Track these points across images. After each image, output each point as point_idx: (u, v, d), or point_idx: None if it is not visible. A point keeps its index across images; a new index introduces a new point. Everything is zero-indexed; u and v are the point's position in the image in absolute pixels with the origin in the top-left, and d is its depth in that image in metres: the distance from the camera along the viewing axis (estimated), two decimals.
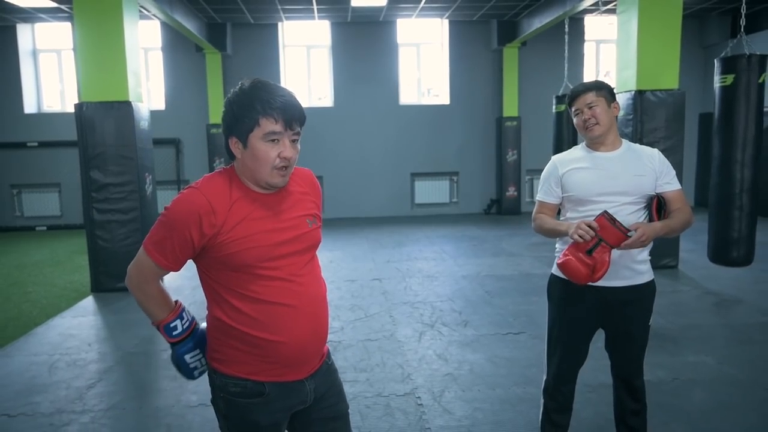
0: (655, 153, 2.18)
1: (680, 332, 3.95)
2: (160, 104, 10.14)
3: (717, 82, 4.59)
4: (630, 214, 2.07)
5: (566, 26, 8.11)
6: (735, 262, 4.52)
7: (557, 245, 2.27)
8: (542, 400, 2.38)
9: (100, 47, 5.34)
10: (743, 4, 4.67)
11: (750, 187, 4.36)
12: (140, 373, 3.59)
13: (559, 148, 7.84)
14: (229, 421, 1.47)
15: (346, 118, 10.23)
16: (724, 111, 4.54)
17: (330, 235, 8.02)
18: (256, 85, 1.35)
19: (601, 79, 2.65)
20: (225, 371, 1.43)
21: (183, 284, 5.54)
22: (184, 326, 1.48)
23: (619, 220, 1.93)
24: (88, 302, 5.22)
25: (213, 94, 9.87)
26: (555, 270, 2.27)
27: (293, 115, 1.35)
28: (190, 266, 1.47)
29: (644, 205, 2.11)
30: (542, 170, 2.32)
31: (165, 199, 9.22)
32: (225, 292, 1.39)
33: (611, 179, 2.09)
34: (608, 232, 1.90)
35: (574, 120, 2.19)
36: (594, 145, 2.18)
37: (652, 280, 2.19)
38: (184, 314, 1.50)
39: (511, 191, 10.29)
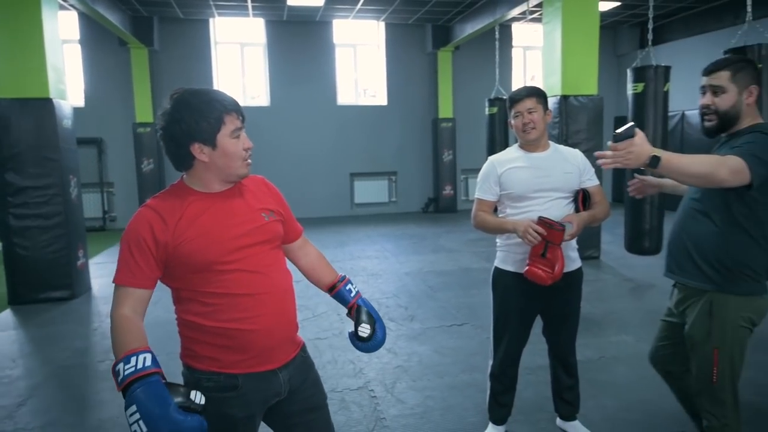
0: (577, 153, 2.45)
1: (603, 316, 4.36)
2: (78, 101, 9.56)
3: (629, 89, 5.09)
4: (563, 207, 2.33)
5: (497, 33, 8.53)
6: (647, 251, 5.07)
7: (498, 240, 2.49)
8: (489, 384, 2.60)
9: (16, 39, 4.96)
10: (650, 20, 5.18)
11: None
12: (77, 386, 3.41)
13: (492, 149, 8.25)
14: (204, 417, 1.50)
15: (283, 118, 10.20)
16: (636, 115, 5.05)
17: None
18: (195, 91, 1.41)
19: (529, 83, 2.91)
20: (198, 367, 1.46)
21: None
22: (126, 373, 1.24)
23: (552, 220, 2.18)
24: (6, 316, 4.85)
25: (139, 92, 9.49)
26: (498, 263, 2.50)
27: (242, 110, 1.45)
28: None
29: (572, 198, 2.38)
30: (477, 169, 2.52)
31: (89, 202, 8.94)
32: (192, 294, 1.43)
33: (545, 177, 2.33)
34: (551, 235, 2.16)
35: (513, 122, 2.38)
36: (528, 146, 2.39)
37: (581, 267, 2.47)
38: (133, 359, 1.26)
39: (447, 190, 10.68)
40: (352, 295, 1.71)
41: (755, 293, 1.91)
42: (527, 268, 2.23)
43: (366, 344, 1.65)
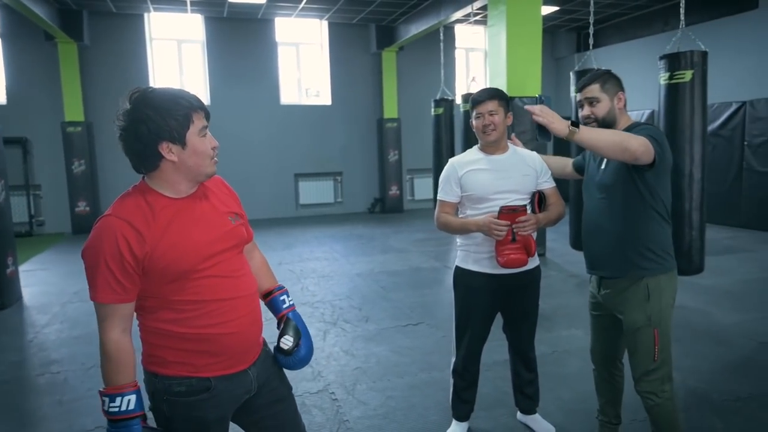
0: (535, 155, 2.51)
1: (553, 311, 4.50)
2: (0, 98, 8.94)
3: (573, 91, 5.27)
4: None
5: (441, 34, 8.65)
6: None
7: (458, 240, 2.52)
8: (452, 381, 2.63)
9: None
10: (591, 25, 5.40)
11: None
12: (15, 402, 3.19)
13: (438, 149, 8.37)
14: (173, 423, 1.45)
15: (224, 118, 9.83)
16: (578, 116, 5.23)
17: None
18: (157, 89, 1.38)
19: (471, 84, 2.97)
20: (167, 373, 1.41)
21: (51, 300, 5.08)
22: (110, 410, 1.32)
23: (512, 205, 2.28)
24: None
25: (69, 89, 8.94)
26: (459, 262, 2.53)
27: (207, 108, 1.44)
28: (52, 281, 1.38)
29: (530, 200, 2.44)
30: (423, 169, 2.59)
31: (14, 206, 8.36)
32: (161, 302, 1.39)
33: (505, 179, 2.37)
34: (515, 217, 2.22)
35: (474, 122, 2.40)
36: (488, 148, 2.43)
37: (539, 265, 2.55)
38: (119, 399, 1.32)
39: (393, 190, 10.70)
40: (285, 306, 1.68)
41: (674, 268, 2.13)
42: (504, 259, 2.26)
43: (287, 359, 1.61)
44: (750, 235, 7.45)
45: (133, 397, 1.33)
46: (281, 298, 1.69)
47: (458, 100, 8.76)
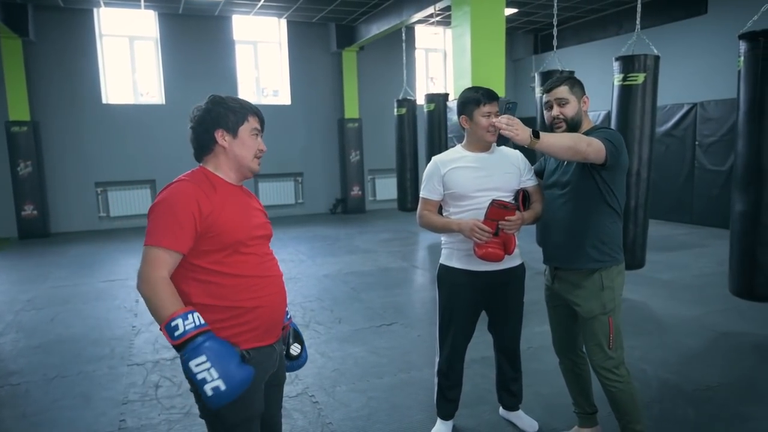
0: (518, 154, 2.53)
1: (525, 307, 4.50)
2: None
3: (538, 92, 5.38)
4: None
5: (403, 35, 8.66)
6: None
7: (442, 238, 2.52)
8: (436, 380, 2.62)
9: None
10: (555, 27, 5.52)
11: None
12: None
13: (401, 149, 8.38)
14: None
15: (179, 117, 9.31)
16: (545, 117, 5.36)
17: None
18: (229, 95, 1.68)
19: (431, 85, 2.96)
20: None
21: (1, 309, 4.76)
22: (187, 328, 1.42)
23: (504, 200, 2.26)
24: None
25: (13, 86, 8.48)
26: (443, 260, 2.52)
27: (263, 119, 1.71)
28: (2, 289, 1.28)
29: (513, 198, 2.46)
30: (385, 170, 2.57)
31: None
32: (210, 276, 1.55)
33: (487, 177, 2.38)
34: (505, 214, 2.22)
35: (481, 120, 2.33)
36: (474, 147, 2.42)
37: (522, 263, 2.57)
38: (190, 316, 1.44)
39: (355, 191, 10.65)
40: (288, 316, 1.87)
41: (623, 262, 2.29)
42: (482, 251, 2.25)
43: (291, 363, 1.85)
44: (702, 231, 7.80)
45: (200, 315, 1.46)
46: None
47: (420, 101, 8.80)
